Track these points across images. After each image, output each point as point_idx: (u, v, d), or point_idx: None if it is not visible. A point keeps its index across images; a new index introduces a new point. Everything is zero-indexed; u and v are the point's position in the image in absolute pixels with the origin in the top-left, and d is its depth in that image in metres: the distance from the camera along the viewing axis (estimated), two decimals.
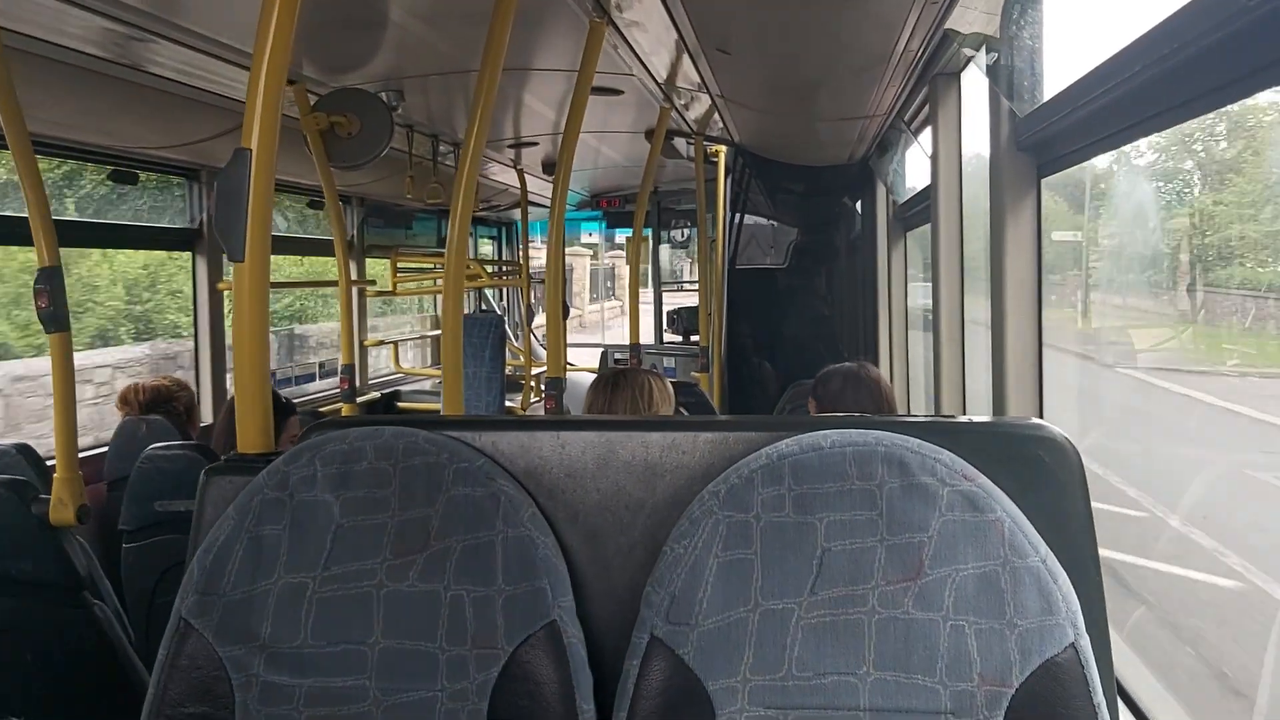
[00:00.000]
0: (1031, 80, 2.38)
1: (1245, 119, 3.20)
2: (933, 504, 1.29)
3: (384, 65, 4.01)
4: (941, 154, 3.53)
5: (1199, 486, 3.92)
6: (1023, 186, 2.43)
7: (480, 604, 1.36)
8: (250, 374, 1.70)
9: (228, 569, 1.40)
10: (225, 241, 1.65)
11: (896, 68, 3.50)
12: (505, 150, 6.24)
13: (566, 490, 1.45)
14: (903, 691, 1.26)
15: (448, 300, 2.59)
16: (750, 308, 6.37)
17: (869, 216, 6.05)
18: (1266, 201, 3.32)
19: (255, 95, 1.69)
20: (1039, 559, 1.27)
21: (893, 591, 1.28)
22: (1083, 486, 1.35)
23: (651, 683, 1.30)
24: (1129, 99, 1.86)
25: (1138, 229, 4.15)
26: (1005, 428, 1.41)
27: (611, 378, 2.71)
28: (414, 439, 1.43)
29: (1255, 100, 2.75)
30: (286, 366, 6.59)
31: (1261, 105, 3.05)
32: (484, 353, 6.51)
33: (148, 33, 3.08)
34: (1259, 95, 1.69)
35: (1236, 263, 3.53)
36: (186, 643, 1.39)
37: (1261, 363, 3.61)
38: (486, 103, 2.59)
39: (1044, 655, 1.24)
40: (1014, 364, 2.44)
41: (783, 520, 1.31)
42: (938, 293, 3.58)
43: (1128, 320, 4.86)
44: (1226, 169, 3.46)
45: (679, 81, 4.33)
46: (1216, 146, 3.49)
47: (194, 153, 4.34)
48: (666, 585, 1.32)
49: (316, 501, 1.41)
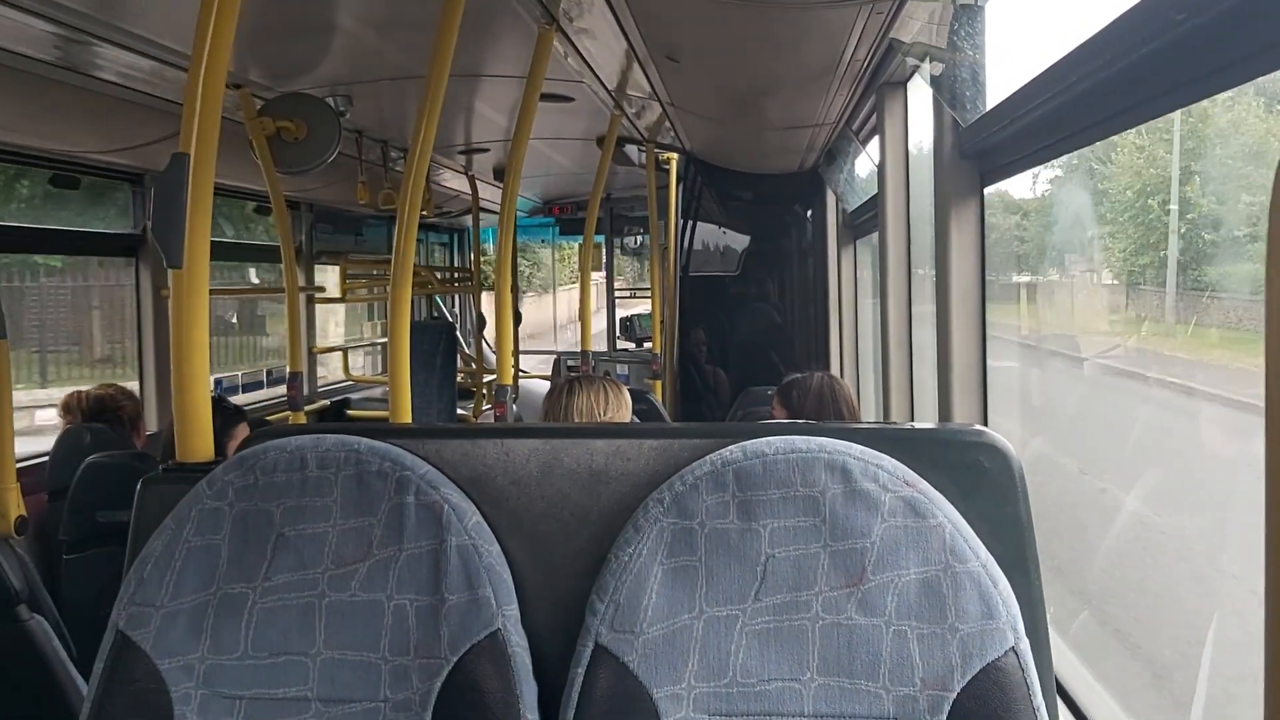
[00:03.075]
0: (974, 90, 2.40)
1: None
2: (875, 510, 1.29)
3: (332, 70, 3.98)
4: (889, 162, 3.56)
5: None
6: (966, 194, 2.46)
7: (423, 613, 1.35)
8: (190, 382, 1.68)
9: (165, 580, 1.37)
10: (164, 248, 1.63)
11: (844, 77, 3.52)
12: (456, 156, 6.21)
13: (511, 498, 1.44)
14: (846, 697, 1.27)
15: (394, 306, 2.57)
16: (702, 315, 6.39)
17: (819, 224, 6.09)
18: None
19: (194, 98, 1.66)
20: (979, 564, 1.28)
21: (836, 597, 1.28)
22: (1023, 491, 1.36)
23: (596, 691, 1.30)
24: (1069, 108, 1.89)
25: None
26: (947, 434, 1.42)
27: (568, 384, 2.70)
28: (356, 447, 1.42)
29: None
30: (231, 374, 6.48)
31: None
32: (434, 360, 6.47)
33: (89, 35, 3.04)
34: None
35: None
36: (124, 656, 1.36)
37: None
38: (433, 108, 2.58)
39: (985, 659, 1.25)
40: (959, 370, 2.47)
41: (727, 527, 1.31)
42: (885, 300, 3.61)
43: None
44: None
45: (629, 89, 4.34)
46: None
47: (137, 157, 4.28)
48: (611, 593, 1.32)
49: (257, 511, 1.39)
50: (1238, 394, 2.71)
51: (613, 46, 3.51)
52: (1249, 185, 2.84)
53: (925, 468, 1.34)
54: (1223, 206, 3.14)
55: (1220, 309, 3.01)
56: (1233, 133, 2.82)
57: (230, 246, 6.34)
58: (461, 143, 5.84)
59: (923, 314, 3.61)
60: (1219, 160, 3.06)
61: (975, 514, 1.33)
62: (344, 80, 4.11)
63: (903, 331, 3.57)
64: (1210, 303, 3.04)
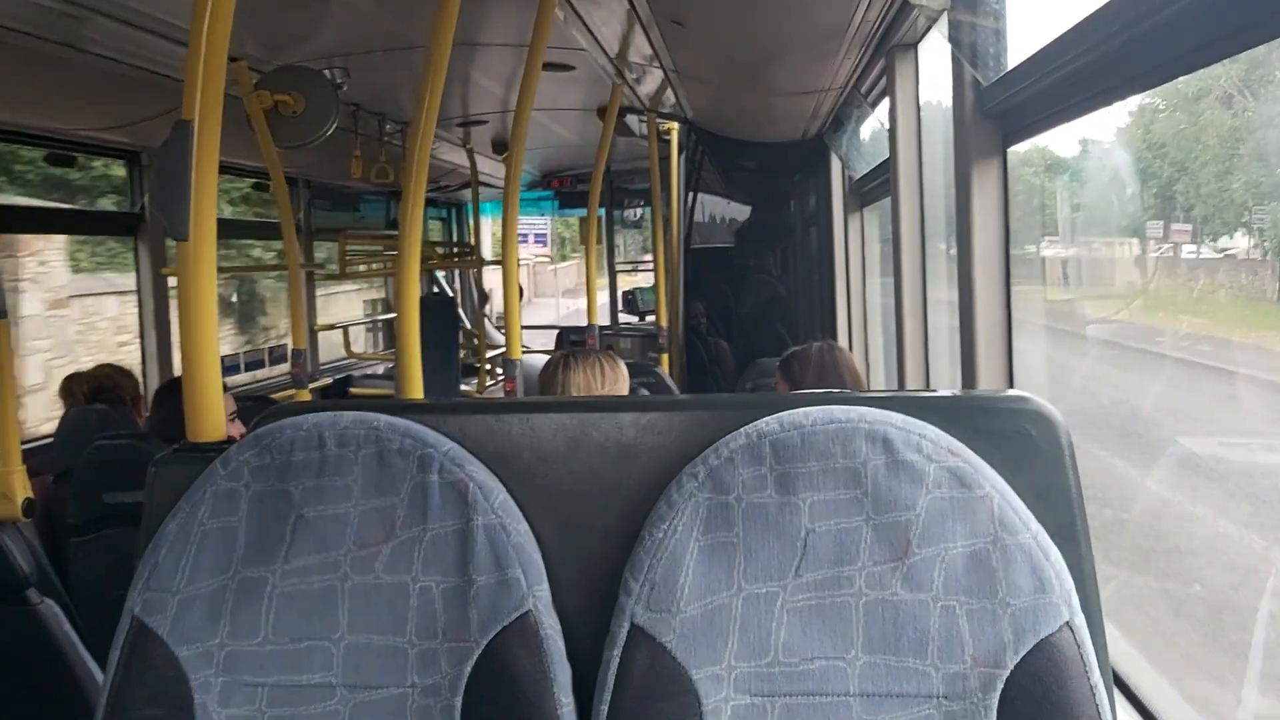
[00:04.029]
0: (996, 47, 2.35)
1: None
2: (919, 481, 1.24)
3: (329, 42, 3.92)
4: (900, 127, 3.50)
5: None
6: (988, 155, 2.40)
7: (451, 595, 1.30)
8: (199, 359, 1.62)
9: (181, 564, 1.33)
10: (168, 219, 1.57)
11: (853, 39, 3.46)
12: (454, 129, 6.15)
13: (538, 475, 1.39)
14: (893, 675, 1.23)
15: (402, 282, 2.52)
16: (707, 287, 6.35)
17: (824, 192, 6.03)
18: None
19: (196, 61, 1.60)
20: (1030, 535, 1.23)
21: (880, 572, 1.23)
22: (1071, 460, 1.31)
23: (633, 673, 1.25)
24: (1100, 63, 1.83)
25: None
26: (989, 401, 1.37)
27: (563, 358, 2.65)
28: (375, 424, 1.36)
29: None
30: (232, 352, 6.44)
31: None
32: (436, 337, 6.42)
33: (84, 9, 2.97)
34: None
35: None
36: (140, 643, 1.31)
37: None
38: (436, 79, 2.52)
39: (1038, 635, 1.20)
40: (984, 336, 2.42)
41: (765, 501, 1.26)
42: (899, 268, 3.56)
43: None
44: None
45: (631, 56, 4.27)
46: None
47: (134, 134, 4.21)
48: (646, 571, 1.27)
49: (274, 491, 1.34)
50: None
51: (617, 11, 3.45)
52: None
53: (968, 436, 1.29)
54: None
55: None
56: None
57: (226, 224, 6.28)
58: (459, 115, 5.77)
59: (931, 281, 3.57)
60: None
61: (1022, 484, 1.27)
62: (341, 52, 4.05)
63: (917, 299, 3.53)
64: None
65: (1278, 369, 2.67)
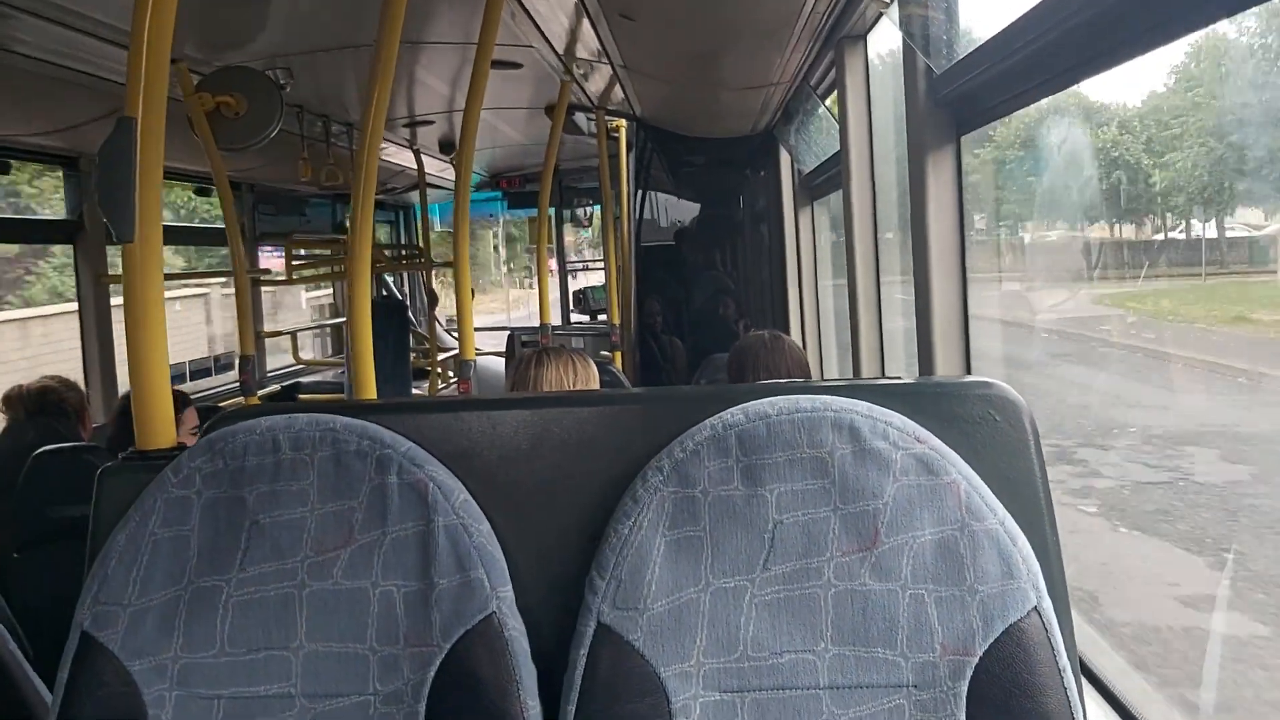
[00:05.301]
0: (948, 35, 2.35)
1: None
2: (886, 469, 1.23)
3: (271, 42, 3.85)
4: (850, 118, 3.50)
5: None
6: (942, 143, 2.40)
7: (412, 599, 1.27)
8: (147, 364, 1.57)
9: (132, 576, 1.28)
10: (111, 221, 1.51)
11: (802, 32, 3.46)
12: (400, 130, 6.08)
13: (500, 473, 1.36)
14: (863, 666, 1.21)
15: (353, 284, 2.48)
16: (659, 284, 6.33)
17: (774, 186, 6.03)
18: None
19: (139, 55, 1.55)
20: (997, 521, 1.22)
21: (848, 563, 1.22)
22: (1036, 445, 1.31)
23: (600, 672, 1.23)
24: (1052, 48, 1.83)
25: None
26: (954, 387, 1.36)
27: (535, 355, 2.61)
28: (332, 426, 1.32)
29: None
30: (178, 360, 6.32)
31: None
32: (387, 341, 6.35)
33: (14, 9, 2.88)
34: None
35: None
36: (90, 659, 1.26)
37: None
38: (384, 78, 2.49)
39: (1007, 621, 1.20)
40: (941, 325, 2.42)
41: (731, 494, 1.25)
42: (852, 260, 3.56)
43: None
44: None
45: (579, 52, 4.24)
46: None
47: (73, 139, 4.12)
48: (612, 568, 1.24)
49: (227, 498, 1.30)
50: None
51: (565, 4, 3.42)
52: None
53: (934, 423, 1.28)
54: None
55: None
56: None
57: (172, 231, 6.17)
58: (405, 115, 5.71)
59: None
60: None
61: (988, 470, 1.27)
62: (283, 52, 3.99)
63: (871, 289, 3.53)
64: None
65: None
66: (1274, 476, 2.94)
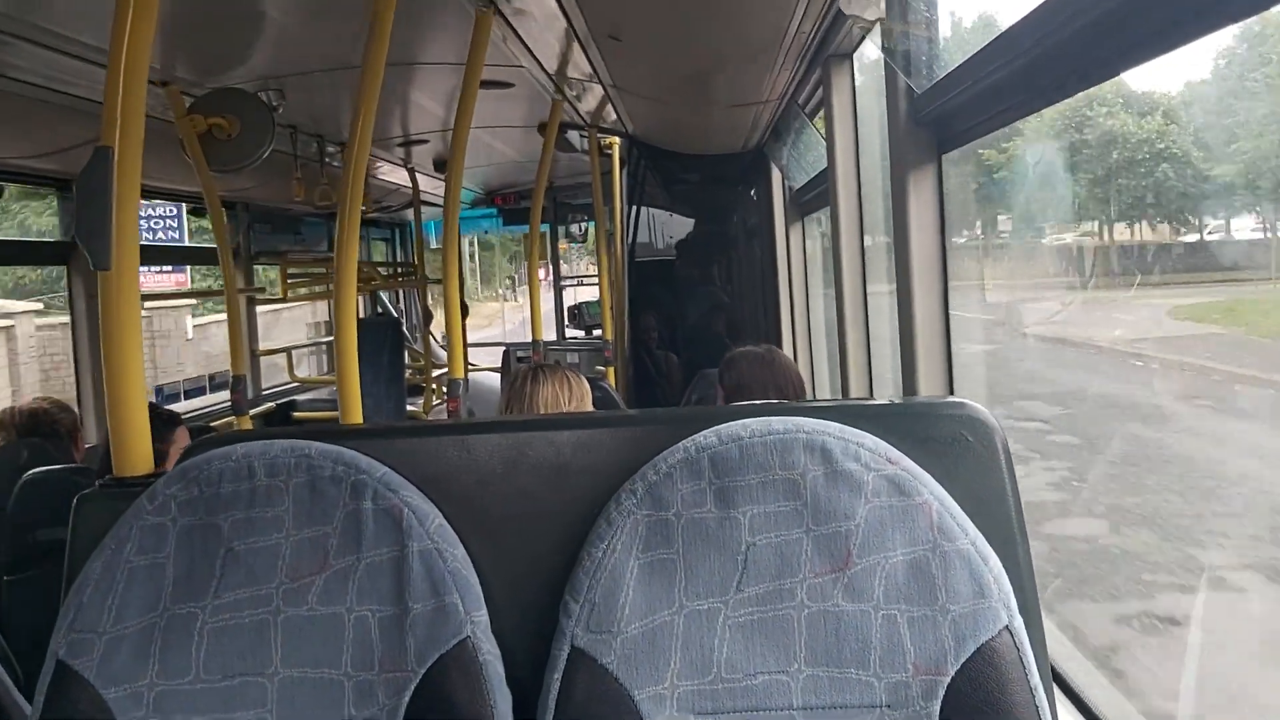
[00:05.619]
0: (929, 55, 2.36)
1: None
2: (858, 491, 1.24)
3: (262, 64, 3.87)
4: (837, 136, 3.53)
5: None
6: (923, 162, 2.42)
7: (387, 624, 1.27)
8: (124, 389, 1.58)
9: (107, 604, 1.29)
10: (89, 249, 1.53)
11: (789, 50, 3.48)
12: (395, 149, 6.11)
13: (475, 498, 1.37)
14: (836, 687, 1.22)
15: (339, 304, 2.49)
16: (652, 299, 6.34)
17: (766, 203, 6.05)
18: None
19: (115, 85, 1.56)
20: (969, 541, 1.23)
21: (821, 584, 1.23)
22: (1008, 464, 1.32)
23: (574, 696, 1.23)
24: (1030, 68, 1.85)
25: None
26: (926, 408, 1.38)
27: (530, 372, 2.63)
28: (307, 451, 1.33)
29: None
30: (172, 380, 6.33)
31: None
32: (382, 358, 6.38)
33: (5, 34, 2.90)
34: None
35: None
36: (65, 687, 1.27)
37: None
38: (370, 99, 2.50)
39: (979, 640, 1.21)
40: (923, 343, 2.43)
41: (704, 516, 1.26)
42: (840, 276, 3.57)
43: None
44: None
45: (570, 72, 4.27)
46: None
47: (65, 162, 4.13)
48: (585, 592, 1.25)
49: (202, 525, 1.31)
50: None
51: (553, 27, 3.44)
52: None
53: (907, 444, 1.29)
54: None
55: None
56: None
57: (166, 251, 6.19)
58: (400, 134, 5.74)
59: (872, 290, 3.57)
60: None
61: (960, 490, 1.28)
62: (275, 74, 4.01)
63: (859, 306, 3.54)
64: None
65: None
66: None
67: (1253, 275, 3.19)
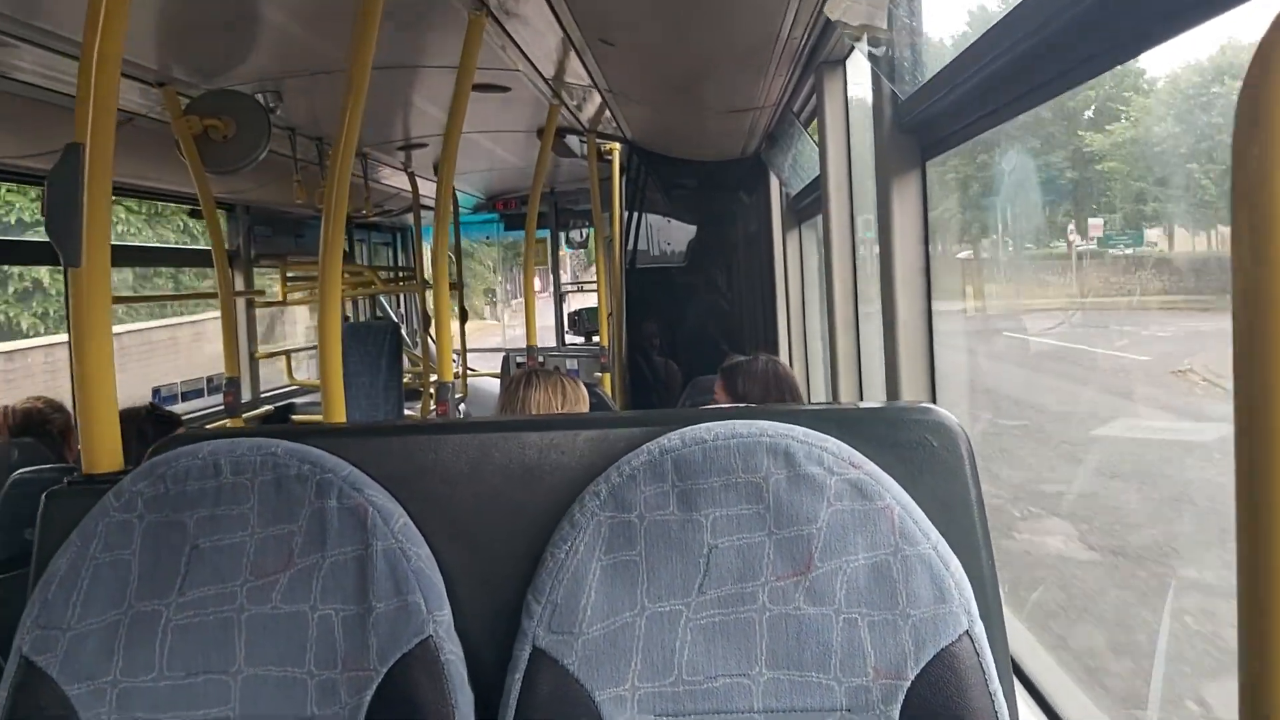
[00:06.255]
0: (913, 61, 2.37)
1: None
2: (820, 494, 1.25)
3: (259, 66, 3.88)
4: (829, 142, 3.53)
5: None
6: (908, 168, 2.42)
7: (350, 623, 1.28)
8: (93, 386, 1.59)
9: (72, 600, 1.30)
10: (59, 246, 1.53)
11: (781, 57, 3.48)
12: (395, 153, 6.11)
13: (440, 497, 1.37)
14: (796, 690, 1.22)
15: (323, 306, 2.50)
16: (650, 305, 6.35)
17: (764, 209, 6.06)
18: None
19: (87, 79, 1.57)
20: (930, 546, 1.23)
21: (783, 587, 1.23)
22: (973, 469, 1.32)
23: (535, 697, 1.24)
24: (1010, 72, 1.85)
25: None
26: (893, 413, 1.38)
27: (524, 377, 2.64)
28: (273, 450, 1.34)
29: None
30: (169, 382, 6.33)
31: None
32: (379, 361, 6.38)
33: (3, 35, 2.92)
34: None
35: None
36: (29, 683, 1.28)
37: None
38: (357, 102, 2.52)
39: (939, 645, 1.21)
40: (905, 349, 2.43)
41: (667, 519, 1.26)
42: (830, 282, 3.58)
43: None
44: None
45: (567, 77, 4.27)
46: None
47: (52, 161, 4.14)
48: (548, 593, 1.26)
49: (168, 522, 1.31)
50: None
51: (546, 32, 3.45)
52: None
53: (873, 448, 1.29)
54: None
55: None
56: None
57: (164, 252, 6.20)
58: (399, 138, 5.73)
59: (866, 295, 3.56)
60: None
61: (924, 494, 1.28)
62: (272, 75, 4.01)
63: (849, 313, 3.54)
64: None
65: None
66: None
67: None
